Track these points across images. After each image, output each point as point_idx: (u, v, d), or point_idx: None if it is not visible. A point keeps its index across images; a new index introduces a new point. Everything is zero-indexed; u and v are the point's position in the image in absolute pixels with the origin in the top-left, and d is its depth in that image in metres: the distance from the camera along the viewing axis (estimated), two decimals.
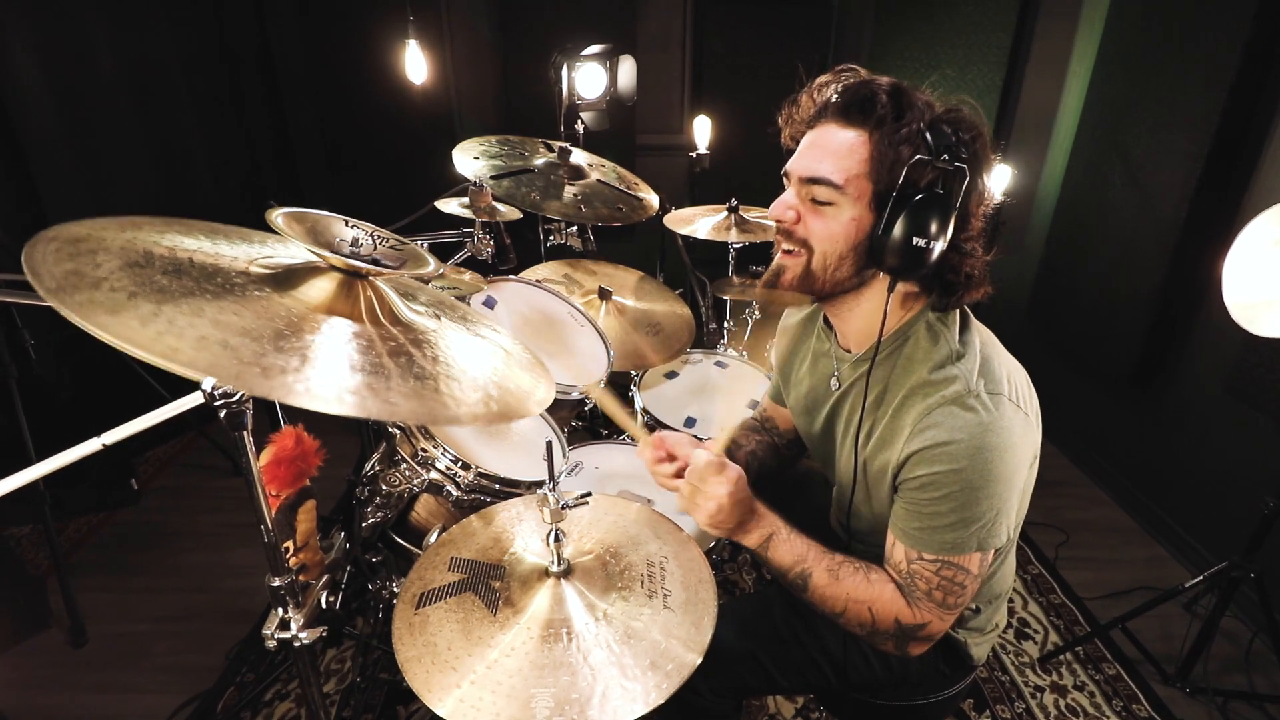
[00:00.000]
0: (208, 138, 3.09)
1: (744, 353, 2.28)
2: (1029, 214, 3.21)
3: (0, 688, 1.91)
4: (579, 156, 2.10)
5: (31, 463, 0.82)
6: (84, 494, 2.54)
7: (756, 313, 2.40)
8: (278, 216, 0.80)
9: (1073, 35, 2.90)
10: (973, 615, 1.18)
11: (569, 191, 1.99)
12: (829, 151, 0.94)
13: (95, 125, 2.64)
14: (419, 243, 1.70)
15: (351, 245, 0.84)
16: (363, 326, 0.82)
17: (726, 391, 2.05)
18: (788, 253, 1.00)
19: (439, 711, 0.82)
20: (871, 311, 1.02)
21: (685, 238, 2.26)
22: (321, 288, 0.85)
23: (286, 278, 0.83)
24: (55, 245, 0.70)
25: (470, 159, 1.92)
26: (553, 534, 0.96)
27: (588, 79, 2.40)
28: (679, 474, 1.07)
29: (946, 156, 0.88)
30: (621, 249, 2.94)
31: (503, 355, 0.97)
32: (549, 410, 1.62)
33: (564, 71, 2.34)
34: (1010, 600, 2.25)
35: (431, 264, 0.92)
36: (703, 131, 2.58)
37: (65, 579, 2.05)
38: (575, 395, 1.59)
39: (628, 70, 2.44)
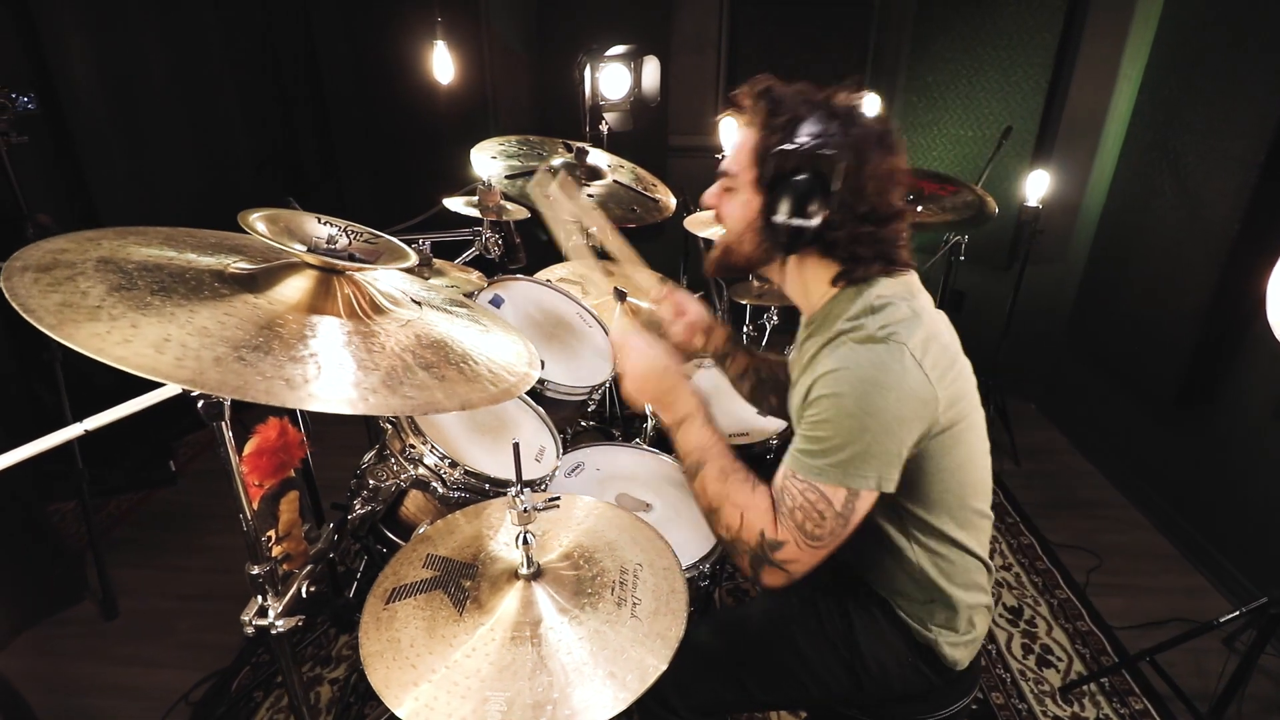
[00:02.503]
0: (251, 134, 3.20)
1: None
2: (1073, 223, 3.07)
3: (34, 655, 2.02)
4: (598, 157, 2.10)
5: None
6: (123, 473, 2.66)
7: (774, 318, 2.35)
8: (256, 221, 0.82)
9: (1125, 36, 2.76)
10: (924, 605, 1.12)
11: (585, 192, 1.99)
12: (732, 145, 1.10)
13: (143, 121, 2.76)
14: (423, 241, 1.73)
15: (328, 243, 0.85)
16: (355, 323, 0.85)
17: (737, 398, 2.01)
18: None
19: (394, 710, 0.82)
20: (794, 286, 1.13)
21: (707, 240, 2.23)
22: (297, 286, 0.87)
23: (260, 280, 0.85)
24: (31, 276, 0.72)
25: (488, 158, 1.94)
26: (521, 537, 0.96)
27: (611, 80, 2.40)
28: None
29: (811, 143, 0.96)
30: (648, 250, 2.92)
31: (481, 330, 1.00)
32: (550, 411, 1.63)
33: (588, 72, 2.34)
34: (1033, 625, 2.19)
35: (413, 257, 0.93)
36: (728, 133, 2.55)
37: (100, 554, 2.16)
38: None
39: (652, 71, 2.43)
